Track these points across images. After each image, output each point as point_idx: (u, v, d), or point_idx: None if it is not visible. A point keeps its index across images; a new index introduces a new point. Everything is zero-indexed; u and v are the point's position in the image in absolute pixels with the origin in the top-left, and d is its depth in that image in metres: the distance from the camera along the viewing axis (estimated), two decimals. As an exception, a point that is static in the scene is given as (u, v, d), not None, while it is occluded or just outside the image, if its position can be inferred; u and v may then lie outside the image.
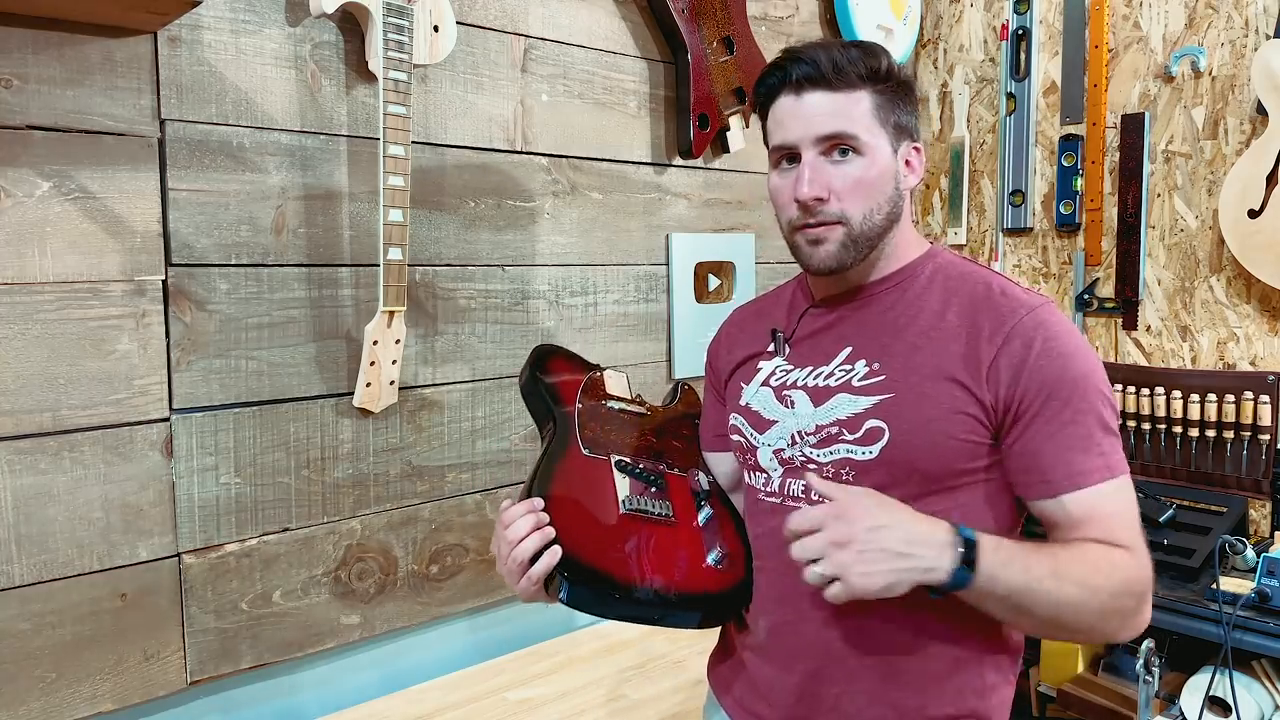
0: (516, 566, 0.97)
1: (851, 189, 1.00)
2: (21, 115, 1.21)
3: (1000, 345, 0.96)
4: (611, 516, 1.06)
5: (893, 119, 1.02)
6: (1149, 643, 1.61)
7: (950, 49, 2.50)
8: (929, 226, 2.58)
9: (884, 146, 1.01)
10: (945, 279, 1.05)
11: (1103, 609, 0.90)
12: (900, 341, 1.02)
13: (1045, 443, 0.95)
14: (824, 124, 0.99)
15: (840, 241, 1.01)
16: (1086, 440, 0.94)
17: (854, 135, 0.99)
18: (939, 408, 0.97)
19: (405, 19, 1.42)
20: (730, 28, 1.98)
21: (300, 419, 1.48)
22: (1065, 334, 0.97)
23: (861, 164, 1.00)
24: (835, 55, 0.99)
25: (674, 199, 2.00)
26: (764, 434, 1.08)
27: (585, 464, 1.12)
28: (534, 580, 0.97)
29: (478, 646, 1.74)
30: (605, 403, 1.24)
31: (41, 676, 1.26)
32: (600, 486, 1.09)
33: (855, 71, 0.99)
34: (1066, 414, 0.94)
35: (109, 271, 1.29)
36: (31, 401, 1.24)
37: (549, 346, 1.31)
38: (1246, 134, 1.99)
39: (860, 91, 1.00)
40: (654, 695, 1.57)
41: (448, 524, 1.67)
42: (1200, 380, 2.00)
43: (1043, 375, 0.95)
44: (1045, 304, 0.99)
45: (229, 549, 1.42)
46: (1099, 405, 0.95)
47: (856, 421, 1.00)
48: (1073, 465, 0.94)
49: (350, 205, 1.51)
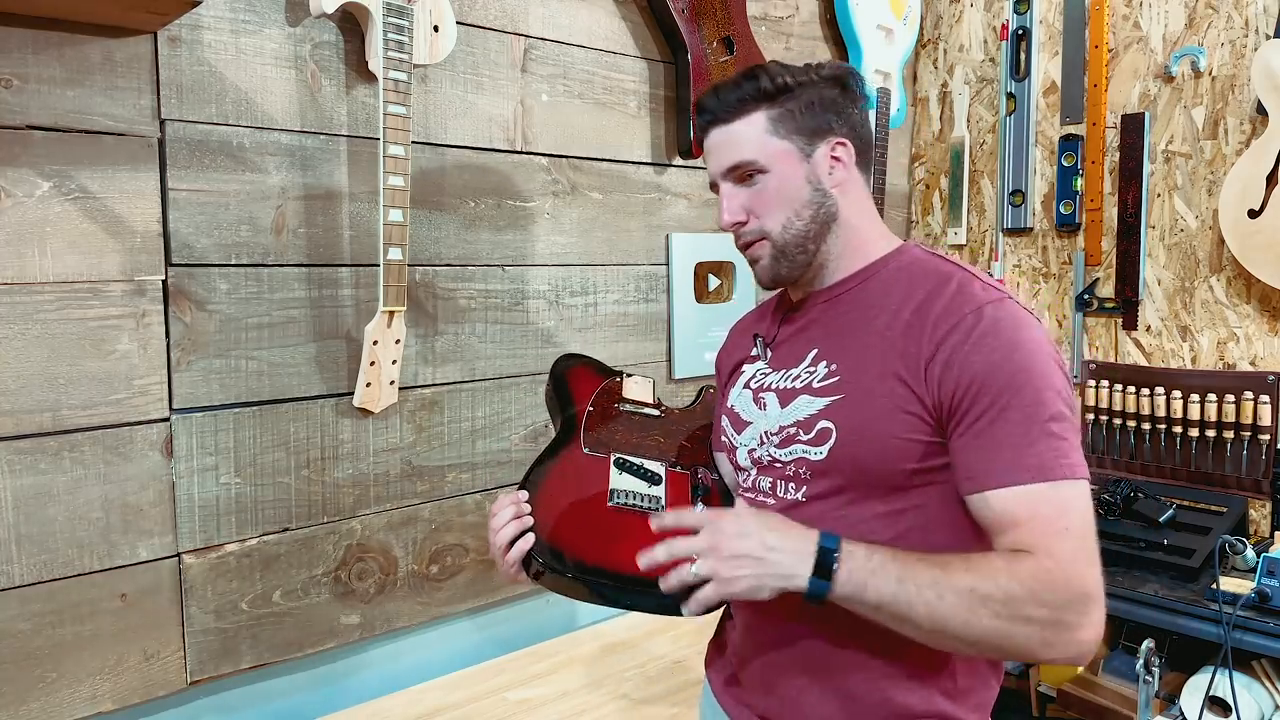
0: (497, 551, 1.07)
1: (763, 205, 1.05)
2: (21, 115, 1.21)
3: (939, 340, 0.95)
4: (598, 509, 1.12)
5: (796, 126, 1.04)
6: (1149, 643, 1.61)
7: (950, 49, 2.50)
8: (929, 226, 2.58)
9: (788, 156, 1.04)
10: (909, 276, 1.04)
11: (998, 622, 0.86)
12: (855, 341, 1.03)
13: (975, 439, 0.93)
14: (723, 157, 1.06)
15: (770, 255, 1.06)
16: (1021, 438, 0.90)
17: (750, 160, 1.04)
18: (881, 407, 0.97)
19: (405, 19, 1.42)
20: (730, 28, 1.98)
21: (300, 419, 1.48)
22: (1009, 328, 0.94)
23: (765, 180, 1.04)
24: (721, 90, 1.06)
25: (674, 199, 2.00)
26: (741, 434, 1.12)
27: (583, 461, 1.17)
28: (510, 564, 1.06)
29: (478, 646, 1.74)
30: (618, 405, 1.28)
31: (41, 676, 1.26)
32: (592, 482, 1.15)
33: (739, 98, 1.04)
34: (995, 410, 0.91)
35: (109, 271, 1.29)
36: (31, 401, 1.24)
37: (570, 357, 1.37)
38: (1246, 134, 1.99)
39: (753, 114, 1.04)
40: (654, 695, 1.57)
41: (448, 524, 1.67)
42: (1200, 380, 2.00)
43: (974, 369, 0.92)
44: (999, 300, 0.96)
45: (229, 549, 1.42)
46: (1039, 404, 0.91)
47: (810, 422, 1.02)
48: (998, 462, 0.91)
49: (350, 205, 1.51)
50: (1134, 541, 1.83)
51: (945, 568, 0.88)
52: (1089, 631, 0.87)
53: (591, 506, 1.12)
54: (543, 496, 1.10)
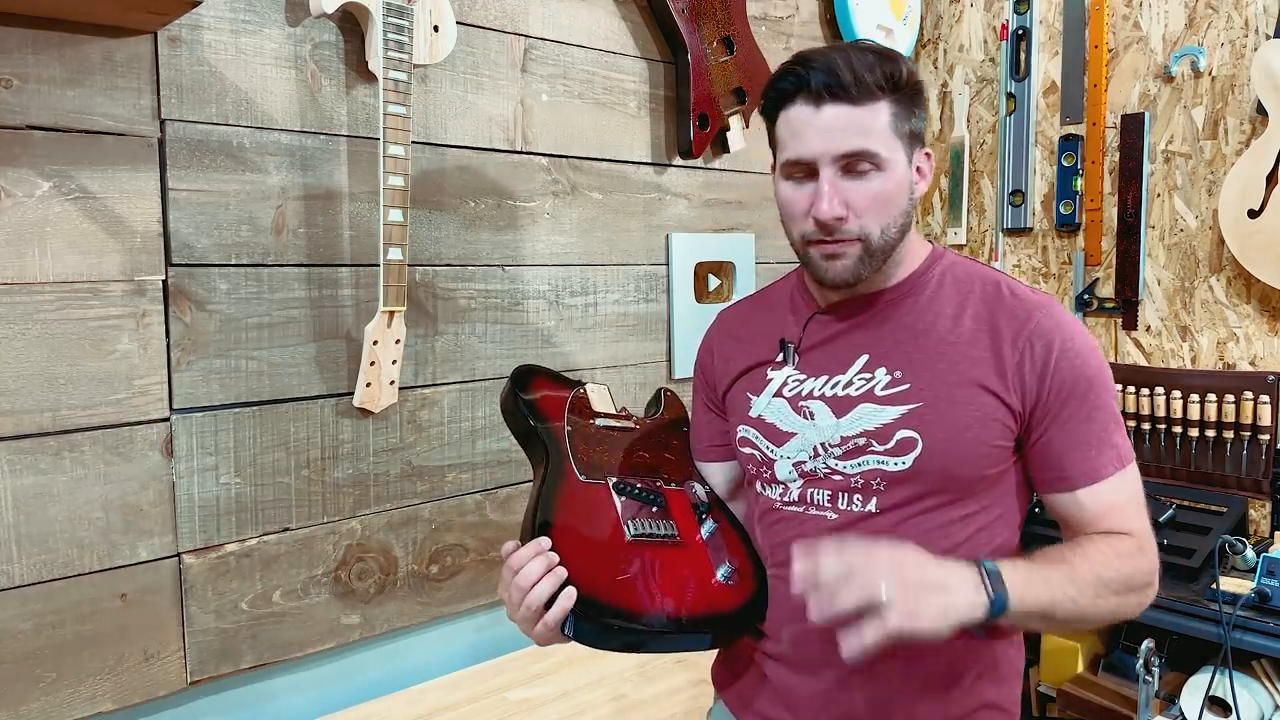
0: (531, 614, 0.94)
1: (870, 205, 0.97)
2: (21, 115, 1.21)
3: (1023, 350, 0.99)
4: (618, 545, 1.03)
5: (907, 128, 0.99)
6: (1149, 643, 1.61)
7: (950, 49, 2.49)
8: (929, 226, 2.58)
9: (900, 159, 0.98)
10: (954, 281, 1.05)
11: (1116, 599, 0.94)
12: (921, 349, 1.02)
13: (1065, 440, 0.99)
14: (845, 141, 0.95)
15: (858, 257, 0.99)
16: (1101, 435, 0.99)
17: (875, 152, 0.96)
18: (972, 415, 0.98)
19: (405, 19, 1.42)
20: (730, 28, 1.98)
21: (300, 419, 1.48)
22: (1079, 333, 1.01)
23: (880, 179, 0.97)
24: (855, 64, 0.94)
25: (674, 199, 2.00)
26: (782, 446, 1.06)
27: (584, 491, 1.09)
28: (550, 626, 0.94)
29: (478, 646, 1.74)
30: (593, 421, 1.21)
31: (41, 676, 1.26)
32: (602, 514, 1.06)
33: (874, 81, 0.95)
34: (1084, 412, 0.98)
35: (109, 271, 1.29)
36: (31, 401, 1.24)
37: (528, 366, 1.28)
38: (1246, 134, 1.99)
39: (880, 103, 0.96)
40: (654, 695, 1.57)
41: (448, 524, 1.67)
42: (1200, 380, 1.99)
43: (1063, 376, 0.98)
44: (1052, 302, 1.03)
45: (229, 549, 1.42)
46: (1110, 399, 1.00)
47: (886, 432, 0.99)
48: (1088, 461, 0.98)
49: (350, 205, 1.51)
50: (1134, 541, 1.83)
51: (1067, 563, 0.92)
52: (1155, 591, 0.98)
53: (613, 544, 1.03)
54: (564, 539, 0.98)
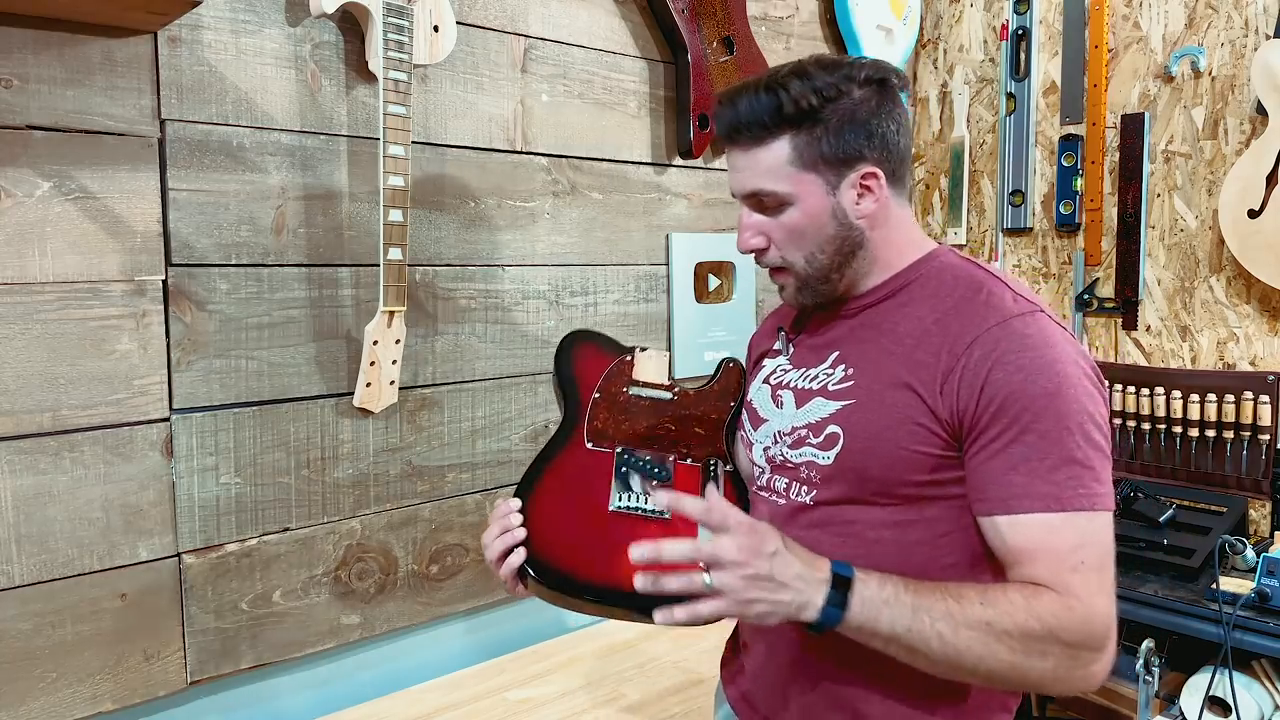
0: (491, 564, 1.03)
1: (786, 238, 0.99)
2: (21, 115, 1.21)
3: (961, 354, 0.91)
4: (598, 515, 1.05)
5: (823, 154, 0.95)
6: (1149, 643, 1.61)
7: (950, 49, 2.49)
8: (929, 227, 2.58)
9: (812, 189, 0.96)
10: (939, 282, 1.00)
11: (1014, 657, 0.84)
12: (876, 347, 1.00)
13: (989, 460, 0.89)
14: (746, 182, 0.98)
15: (794, 285, 1.02)
16: (1034, 463, 0.87)
17: (771, 191, 0.97)
18: (894, 417, 0.94)
19: (405, 19, 1.42)
20: (730, 28, 1.98)
21: (300, 419, 1.48)
22: (1037, 344, 0.89)
23: (790, 212, 0.98)
24: (750, 105, 0.95)
25: (674, 199, 2.00)
26: (757, 430, 1.10)
27: (585, 458, 1.09)
28: (504, 577, 1.01)
29: (478, 646, 1.74)
30: (627, 389, 1.17)
31: (41, 676, 1.26)
32: (593, 483, 1.07)
33: (764, 121, 0.95)
34: (1013, 432, 0.87)
35: (109, 271, 1.29)
36: (31, 401, 1.24)
37: (579, 333, 1.25)
38: (1246, 134, 1.99)
39: (777, 140, 0.95)
40: (654, 695, 1.57)
41: (448, 524, 1.67)
42: (1200, 380, 2.00)
43: (994, 386, 0.88)
44: (1029, 312, 0.92)
45: (229, 549, 1.42)
46: (1061, 429, 0.87)
47: (820, 426, 1.00)
48: (1011, 487, 0.87)
49: (350, 205, 1.51)
50: (1134, 541, 1.83)
51: (961, 600, 0.84)
52: (1102, 665, 0.86)
53: (591, 513, 1.05)
54: (538, 502, 1.03)
